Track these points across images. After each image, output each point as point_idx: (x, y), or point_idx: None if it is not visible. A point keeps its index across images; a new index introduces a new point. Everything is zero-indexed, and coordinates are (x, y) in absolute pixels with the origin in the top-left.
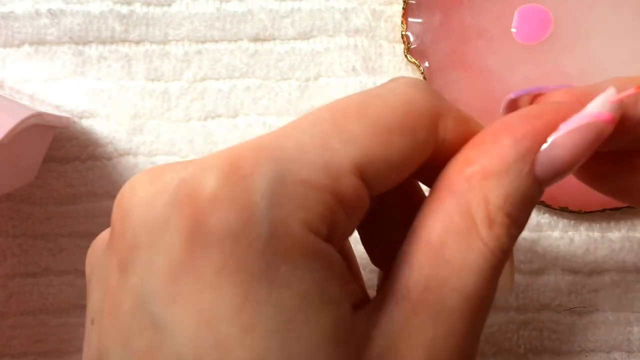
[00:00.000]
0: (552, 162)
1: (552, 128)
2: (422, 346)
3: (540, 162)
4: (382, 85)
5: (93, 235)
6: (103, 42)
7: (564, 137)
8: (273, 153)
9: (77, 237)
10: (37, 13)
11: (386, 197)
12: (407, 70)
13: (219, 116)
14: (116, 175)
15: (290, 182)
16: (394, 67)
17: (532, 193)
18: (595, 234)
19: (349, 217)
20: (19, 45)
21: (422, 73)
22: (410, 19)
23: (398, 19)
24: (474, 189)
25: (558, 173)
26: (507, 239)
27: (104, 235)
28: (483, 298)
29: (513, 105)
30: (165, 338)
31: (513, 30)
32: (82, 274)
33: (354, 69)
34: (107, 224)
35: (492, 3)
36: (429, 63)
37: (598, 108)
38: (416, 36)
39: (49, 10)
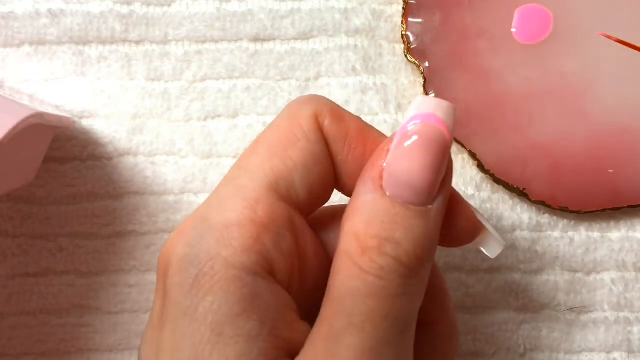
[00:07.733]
0: (394, 177)
1: (384, 155)
2: None
3: (386, 183)
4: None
5: (93, 235)
6: (103, 42)
7: (393, 155)
8: (201, 211)
9: (77, 237)
10: (37, 13)
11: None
12: (407, 70)
13: (219, 116)
14: (116, 175)
15: (215, 226)
16: (394, 67)
17: (394, 212)
18: (595, 234)
19: (280, 240)
20: (19, 45)
21: (422, 73)
22: (410, 19)
23: (398, 19)
24: (346, 234)
25: (407, 185)
26: (385, 258)
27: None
28: (381, 318)
29: None
30: None
31: (513, 30)
32: (82, 274)
33: (354, 69)
34: (107, 224)
35: (492, 3)
36: (429, 63)
37: (409, 115)
38: (416, 36)
39: (49, 10)
